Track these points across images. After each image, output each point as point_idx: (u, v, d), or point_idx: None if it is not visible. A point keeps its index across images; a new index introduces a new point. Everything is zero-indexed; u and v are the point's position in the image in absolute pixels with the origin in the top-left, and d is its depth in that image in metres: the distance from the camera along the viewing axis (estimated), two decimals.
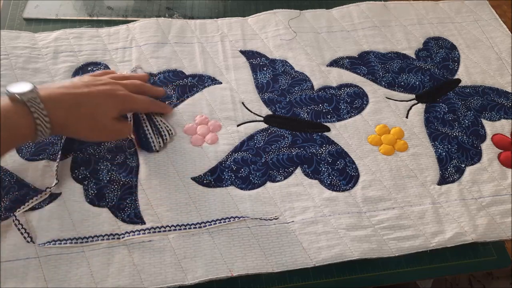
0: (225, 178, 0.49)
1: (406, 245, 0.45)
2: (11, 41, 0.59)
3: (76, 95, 0.43)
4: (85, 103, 0.43)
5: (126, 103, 0.47)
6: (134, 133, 0.50)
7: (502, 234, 0.46)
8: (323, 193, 0.48)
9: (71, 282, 0.41)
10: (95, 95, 0.44)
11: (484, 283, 0.81)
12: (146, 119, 0.50)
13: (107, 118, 0.45)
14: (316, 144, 0.52)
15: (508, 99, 0.58)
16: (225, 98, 0.56)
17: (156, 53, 0.60)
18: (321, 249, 0.44)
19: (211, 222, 0.45)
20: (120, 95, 0.46)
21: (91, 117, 0.44)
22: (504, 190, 0.50)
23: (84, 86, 0.44)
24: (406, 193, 0.49)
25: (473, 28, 0.67)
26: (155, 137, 0.50)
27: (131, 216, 0.46)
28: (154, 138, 0.50)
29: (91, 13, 0.65)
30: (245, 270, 0.42)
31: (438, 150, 0.53)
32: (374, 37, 0.64)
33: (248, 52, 0.62)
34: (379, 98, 0.57)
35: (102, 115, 0.44)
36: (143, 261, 0.43)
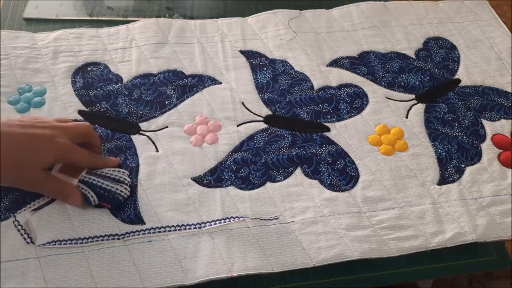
0: (225, 178, 0.49)
1: (406, 245, 0.45)
2: (11, 41, 0.59)
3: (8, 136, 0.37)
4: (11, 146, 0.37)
5: (63, 152, 0.40)
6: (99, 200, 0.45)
7: (502, 234, 0.46)
8: (323, 193, 0.48)
9: (71, 282, 0.41)
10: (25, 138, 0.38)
11: (484, 283, 0.81)
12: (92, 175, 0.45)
13: (36, 168, 0.39)
14: (316, 144, 0.52)
15: (508, 99, 0.58)
16: (225, 98, 0.56)
17: (156, 53, 0.60)
18: (321, 249, 0.44)
19: (211, 222, 0.45)
20: (58, 143, 0.39)
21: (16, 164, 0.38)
22: (504, 190, 0.50)
23: (19, 127, 0.38)
24: (406, 193, 0.49)
25: (473, 28, 0.67)
26: (117, 186, 0.45)
27: (131, 216, 0.45)
28: (117, 187, 0.45)
29: (91, 13, 0.65)
30: (245, 270, 0.42)
31: (438, 150, 0.53)
32: (374, 37, 0.64)
33: (248, 52, 0.62)
34: (379, 98, 0.57)
35: (29, 164, 0.38)
36: (143, 261, 0.43)
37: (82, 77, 0.57)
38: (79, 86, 0.56)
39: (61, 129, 0.41)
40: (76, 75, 0.57)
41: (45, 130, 0.40)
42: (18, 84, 0.55)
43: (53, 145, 0.39)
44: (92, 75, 0.57)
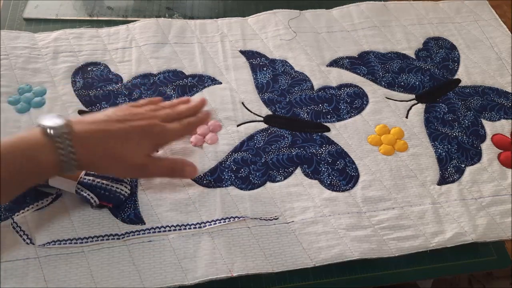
0: (225, 178, 0.49)
1: (406, 245, 0.45)
2: (11, 41, 0.59)
3: (106, 132, 0.40)
4: (114, 141, 0.40)
5: (159, 140, 0.44)
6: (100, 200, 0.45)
7: (502, 234, 0.46)
8: (323, 193, 0.48)
9: (71, 282, 0.41)
10: (127, 133, 0.41)
11: (484, 283, 0.81)
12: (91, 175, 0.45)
13: (140, 155, 0.42)
14: (316, 144, 0.52)
15: (508, 99, 0.58)
16: (225, 98, 0.56)
17: (156, 53, 0.60)
18: (321, 249, 0.44)
19: (211, 222, 0.45)
20: (154, 133, 0.43)
21: (120, 155, 0.41)
22: (504, 190, 0.50)
23: (118, 122, 0.41)
24: (406, 193, 0.49)
25: (473, 28, 0.67)
26: (117, 185, 0.45)
27: (131, 216, 0.46)
28: (117, 186, 0.45)
29: (91, 13, 0.65)
30: (245, 270, 0.42)
31: (438, 150, 0.53)
32: (374, 37, 0.64)
33: (248, 52, 0.62)
34: (379, 98, 0.58)
35: (132, 154, 0.41)
36: (143, 261, 0.43)
37: (82, 77, 0.57)
38: (79, 86, 0.56)
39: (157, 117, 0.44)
40: (76, 75, 0.57)
41: (142, 122, 0.42)
42: (18, 84, 0.55)
43: (151, 135, 0.42)
44: (92, 75, 0.57)
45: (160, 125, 0.43)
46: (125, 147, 0.41)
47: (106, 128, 0.40)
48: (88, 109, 0.54)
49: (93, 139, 0.39)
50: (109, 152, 0.40)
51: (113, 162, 0.41)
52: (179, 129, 0.45)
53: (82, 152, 0.38)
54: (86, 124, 0.40)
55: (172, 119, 0.46)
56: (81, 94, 0.55)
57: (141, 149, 0.42)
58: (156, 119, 0.44)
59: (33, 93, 0.54)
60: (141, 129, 0.42)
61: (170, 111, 0.46)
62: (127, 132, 0.41)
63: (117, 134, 0.40)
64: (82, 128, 0.39)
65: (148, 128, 0.42)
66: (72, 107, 0.54)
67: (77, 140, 0.38)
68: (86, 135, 0.39)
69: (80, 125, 0.39)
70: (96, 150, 0.40)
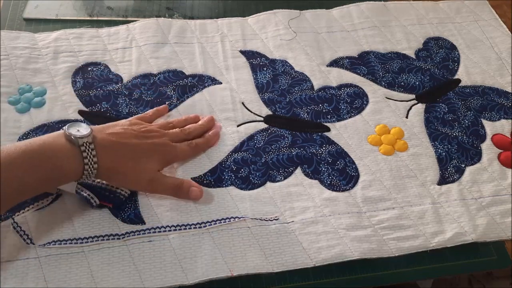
0: (225, 178, 0.49)
1: (406, 245, 0.45)
2: (11, 41, 0.59)
3: (126, 146, 0.43)
4: (132, 155, 0.43)
5: (169, 159, 0.47)
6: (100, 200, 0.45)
7: (502, 234, 0.46)
8: (323, 193, 0.48)
9: (71, 282, 0.41)
10: (143, 150, 0.44)
11: (484, 283, 0.81)
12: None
13: (151, 171, 0.45)
14: (316, 144, 0.52)
15: (508, 99, 0.58)
16: (225, 98, 0.56)
17: (156, 53, 0.60)
18: (321, 249, 0.44)
19: (211, 222, 0.45)
20: (164, 152, 0.46)
21: (134, 168, 0.43)
22: (504, 190, 0.50)
23: (134, 137, 0.44)
24: (406, 193, 0.49)
25: (473, 28, 0.67)
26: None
27: (131, 216, 0.46)
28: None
29: (91, 13, 0.65)
30: (245, 270, 0.42)
31: (438, 150, 0.53)
32: (374, 37, 0.64)
33: (248, 52, 0.62)
34: (379, 98, 0.58)
35: (144, 168, 0.44)
36: (143, 261, 0.43)
37: (82, 77, 0.57)
38: (79, 86, 0.56)
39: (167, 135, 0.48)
40: (76, 75, 0.57)
41: (155, 140, 0.46)
42: (18, 84, 0.55)
43: (163, 154, 0.46)
44: (92, 75, 0.57)
45: (170, 145, 0.47)
46: (139, 162, 0.43)
47: (125, 142, 0.43)
48: (88, 109, 0.54)
49: (113, 151, 0.42)
50: (125, 164, 0.43)
51: (127, 173, 0.43)
52: (188, 151, 0.49)
53: (103, 161, 0.41)
54: (106, 135, 0.43)
55: (181, 140, 0.49)
56: (81, 94, 0.55)
57: (152, 165, 0.45)
58: (167, 137, 0.47)
59: (33, 93, 0.54)
60: (154, 146, 0.45)
61: (180, 131, 0.49)
62: (142, 148, 0.44)
63: (133, 149, 0.44)
64: (103, 137, 0.42)
65: (160, 147, 0.46)
66: (72, 107, 0.54)
67: (99, 149, 0.41)
68: (107, 145, 0.42)
69: (101, 134, 0.42)
70: (115, 160, 0.42)
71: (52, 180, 0.40)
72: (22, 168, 0.38)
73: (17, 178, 0.37)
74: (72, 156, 0.40)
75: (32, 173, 0.38)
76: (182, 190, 0.46)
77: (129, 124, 0.46)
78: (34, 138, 0.40)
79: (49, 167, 0.39)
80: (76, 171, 0.40)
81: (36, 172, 0.38)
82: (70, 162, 0.40)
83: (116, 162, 0.42)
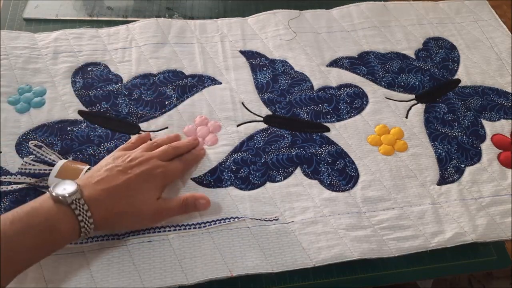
0: (225, 178, 0.49)
1: (406, 245, 0.45)
2: (11, 41, 0.59)
3: (116, 188, 0.41)
4: (125, 194, 0.41)
5: (164, 180, 0.45)
6: None
7: (502, 234, 0.46)
8: (323, 193, 0.48)
9: (71, 282, 0.41)
10: (135, 183, 0.42)
11: (484, 283, 0.81)
12: None
13: (151, 201, 0.43)
14: (316, 144, 0.52)
15: (508, 99, 0.58)
16: (225, 98, 0.56)
17: (156, 53, 0.60)
18: (321, 249, 0.44)
19: (211, 222, 0.45)
20: (158, 175, 0.44)
21: (133, 208, 0.41)
22: (504, 190, 0.50)
23: (121, 174, 0.42)
24: (406, 193, 0.49)
25: (473, 28, 0.67)
26: None
27: None
28: None
29: (91, 13, 0.65)
30: (245, 270, 0.42)
31: (438, 150, 0.53)
32: (374, 37, 0.64)
33: (248, 52, 0.62)
34: (379, 98, 0.58)
35: (144, 203, 0.42)
36: (143, 261, 0.43)
37: (82, 77, 0.57)
38: (79, 86, 0.56)
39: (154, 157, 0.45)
40: (76, 75, 0.57)
41: (142, 167, 0.43)
42: (18, 84, 0.55)
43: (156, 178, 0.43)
44: (92, 75, 0.57)
45: (161, 165, 0.44)
46: (135, 197, 0.41)
47: (113, 185, 0.41)
48: (88, 109, 0.54)
49: (104, 200, 0.40)
50: (122, 208, 0.41)
51: (128, 216, 0.41)
52: (180, 167, 0.47)
53: (97, 213, 0.39)
54: (94, 185, 0.40)
55: (170, 156, 0.47)
56: (81, 94, 0.55)
57: (149, 195, 0.43)
58: (155, 159, 0.45)
59: (33, 93, 0.54)
60: (145, 175, 0.43)
61: (168, 147, 0.47)
62: (134, 182, 0.42)
63: (124, 187, 0.41)
64: (91, 190, 0.40)
65: (151, 172, 0.43)
66: (72, 107, 0.54)
67: (90, 202, 0.39)
68: (97, 197, 0.40)
69: (88, 187, 0.40)
70: (110, 208, 0.40)
71: (49, 245, 0.38)
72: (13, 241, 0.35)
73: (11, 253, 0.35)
74: (64, 216, 0.38)
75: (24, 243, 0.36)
76: (189, 207, 0.45)
77: (113, 160, 0.44)
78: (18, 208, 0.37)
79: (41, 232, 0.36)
80: (72, 231, 0.38)
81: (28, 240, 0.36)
82: (64, 222, 0.38)
83: (112, 209, 0.40)
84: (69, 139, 0.51)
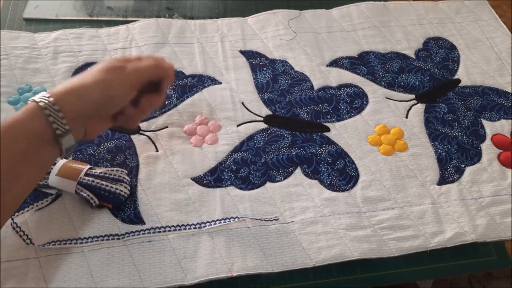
0: (225, 178, 0.49)
1: (406, 245, 0.45)
2: (11, 41, 0.59)
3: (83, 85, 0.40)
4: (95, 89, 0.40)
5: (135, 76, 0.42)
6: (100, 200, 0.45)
7: (502, 234, 0.46)
8: (323, 193, 0.48)
9: (71, 282, 0.41)
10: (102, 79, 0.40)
11: (484, 283, 0.81)
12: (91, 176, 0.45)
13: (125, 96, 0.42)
14: (316, 144, 0.52)
15: (508, 99, 0.58)
16: (225, 98, 0.56)
17: (156, 53, 0.60)
18: (321, 249, 0.44)
19: (211, 222, 0.45)
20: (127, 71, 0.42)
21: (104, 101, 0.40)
22: (504, 190, 0.50)
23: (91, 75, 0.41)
24: (406, 193, 0.49)
25: (473, 28, 0.67)
26: (116, 186, 0.45)
27: (131, 216, 0.46)
28: (117, 186, 0.45)
29: (91, 13, 0.65)
30: (245, 270, 0.42)
31: (438, 150, 0.53)
32: (374, 37, 0.64)
33: (248, 52, 0.62)
34: (379, 98, 0.57)
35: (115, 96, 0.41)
36: (143, 261, 0.43)
37: None
38: None
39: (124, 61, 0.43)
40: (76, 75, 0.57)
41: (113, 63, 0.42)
42: (18, 84, 0.55)
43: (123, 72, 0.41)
44: None
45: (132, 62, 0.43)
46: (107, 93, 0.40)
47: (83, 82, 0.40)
48: None
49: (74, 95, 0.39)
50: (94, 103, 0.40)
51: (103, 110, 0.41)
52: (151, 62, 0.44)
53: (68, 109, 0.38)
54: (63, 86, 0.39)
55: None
56: None
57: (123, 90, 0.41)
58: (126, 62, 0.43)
59: (33, 93, 0.54)
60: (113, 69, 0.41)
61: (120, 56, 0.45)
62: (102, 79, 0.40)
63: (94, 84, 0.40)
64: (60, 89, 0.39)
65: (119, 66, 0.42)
66: None
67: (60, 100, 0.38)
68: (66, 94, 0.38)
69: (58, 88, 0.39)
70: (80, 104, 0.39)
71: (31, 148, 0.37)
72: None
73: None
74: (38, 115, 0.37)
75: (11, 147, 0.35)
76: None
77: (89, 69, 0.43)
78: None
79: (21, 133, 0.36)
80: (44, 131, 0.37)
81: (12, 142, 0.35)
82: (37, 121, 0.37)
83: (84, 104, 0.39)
84: None
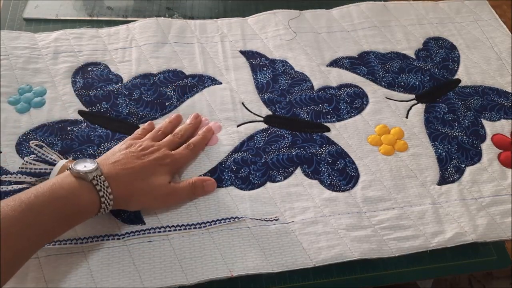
0: (225, 178, 0.49)
1: (406, 245, 0.45)
2: (11, 41, 0.59)
3: (133, 170, 0.44)
4: (142, 176, 0.44)
5: (174, 168, 0.48)
6: None
7: (502, 234, 0.46)
8: (323, 193, 0.48)
9: (71, 282, 0.41)
10: (149, 168, 0.45)
11: (484, 283, 0.81)
12: None
13: (164, 183, 0.45)
14: (316, 144, 0.52)
15: (508, 99, 0.58)
16: (225, 98, 0.56)
17: (156, 53, 0.60)
18: (321, 249, 0.44)
19: (211, 222, 0.45)
20: (168, 163, 0.46)
21: (147, 188, 0.44)
22: (504, 190, 0.50)
23: (136, 158, 0.45)
24: (406, 193, 0.49)
25: (473, 28, 0.67)
26: None
27: (131, 216, 0.46)
28: None
29: (91, 13, 0.65)
30: (245, 270, 0.42)
31: (438, 150, 0.53)
32: (374, 37, 0.64)
33: (248, 52, 0.62)
34: (379, 98, 0.58)
35: (156, 185, 0.44)
36: (143, 261, 0.43)
37: (82, 77, 0.57)
38: (79, 86, 0.56)
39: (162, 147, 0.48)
40: (76, 75, 0.57)
41: (155, 155, 0.46)
42: (18, 84, 0.55)
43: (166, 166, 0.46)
44: (92, 75, 0.57)
45: (169, 155, 0.47)
46: (150, 180, 0.44)
47: (131, 166, 0.44)
48: (88, 109, 0.54)
49: (122, 177, 0.42)
50: (138, 187, 0.43)
51: (142, 195, 0.44)
52: (187, 153, 0.49)
53: (116, 190, 0.41)
54: (111, 165, 0.43)
55: (177, 145, 0.50)
56: (81, 94, 0.55)
57: (162, 179, 0.45)
58: (164, 148, 0.48)
59: (33, 93, 0.54)
60: (157, 161, 0.46)
61: (173, 137, 0.50)
62: (148, 167, 0.45)
63: (141, 170, 0.44)
64: (109, 168, 0.42)
65: (162, 160, 0.46)
66: (72, 107, 0.54)
67: (110, 179, 0.41)
68: (116, 176, 0.42)
69: (106, 166, 0.43)
70: (127, 186, 0.43)
71: (70, 219, 0.39)
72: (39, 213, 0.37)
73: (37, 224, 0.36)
74: (86, 191, 0.40)
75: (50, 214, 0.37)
76: (197, 189, 0.47)
77: (126, 148, 0.46)
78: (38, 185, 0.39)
79: (63, 206, 0.38)
80: (92, 206, 0.40)
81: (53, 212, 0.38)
82: (84, 197, 0.39)
83: (129, 187, 0.43)
84: (69, 139, 0.51)
